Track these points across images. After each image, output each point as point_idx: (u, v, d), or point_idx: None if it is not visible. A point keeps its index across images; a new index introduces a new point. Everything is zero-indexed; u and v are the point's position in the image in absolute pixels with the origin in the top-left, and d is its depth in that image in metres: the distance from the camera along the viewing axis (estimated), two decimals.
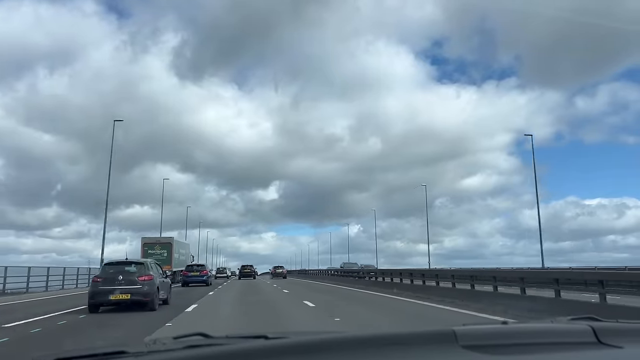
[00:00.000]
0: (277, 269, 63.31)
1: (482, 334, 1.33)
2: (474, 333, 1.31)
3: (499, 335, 1.34)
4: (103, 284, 14.68)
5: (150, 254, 38.67)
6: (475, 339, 1.27)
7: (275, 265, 65.77)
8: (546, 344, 1.30)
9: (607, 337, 1.30)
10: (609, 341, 1.29)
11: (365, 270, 39.13)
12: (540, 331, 1.39)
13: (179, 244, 45.90)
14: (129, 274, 15.00)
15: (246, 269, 58.62)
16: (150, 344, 1.39)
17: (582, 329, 1.35)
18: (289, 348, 1.23)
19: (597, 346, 1.28)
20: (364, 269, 43.80)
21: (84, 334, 10.50)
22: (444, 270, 27.47)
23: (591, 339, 1.31)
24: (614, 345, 1.27)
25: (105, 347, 1.31)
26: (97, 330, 11.11)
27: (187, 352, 1.23)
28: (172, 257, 41.01)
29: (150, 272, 15.38)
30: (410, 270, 25.47)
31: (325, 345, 1.24)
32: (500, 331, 1.37)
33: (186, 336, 1.46)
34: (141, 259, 17.09)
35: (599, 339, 1.30)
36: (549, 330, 1.40)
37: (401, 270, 27.07)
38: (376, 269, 43.29)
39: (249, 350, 1.22)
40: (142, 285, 14.76)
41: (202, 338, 1.44)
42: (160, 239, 43.17)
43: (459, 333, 1.26)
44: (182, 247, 47.03)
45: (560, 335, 1.36)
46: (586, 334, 1.32)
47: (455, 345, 1.23)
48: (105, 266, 15.94)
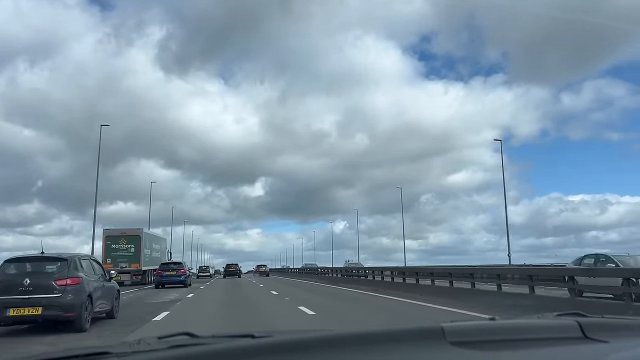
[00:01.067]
0: (260, 267, 70.49)
1: (470, 331, 1.34)
2: (462, 329, 1.32)
3: (487, 332, 1.35)
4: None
5: (114, 249, 34.23)
6: (463, 335, 1.28)
7: (258, 264, 73.42)
8: (533, 339, 1.32)
9: (593, 332, 1.32)
10: (594, 336, 1.31)
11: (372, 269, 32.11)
12: (527, 327, 1.41)
13: (151, 237, 39.19)
14: (42, 276, 10.20)
15: (231, 267, 60.48)
16: (134, 344, 1.36)
17: (569, 325, 1.37)
18: (275, 347, 1.22)
19: (583, 341, 1.30)
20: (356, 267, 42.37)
21: None
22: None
23: (577, 334, 1.33)
24: (600, 340, 1.29)
25: (87, 348, 1.28)
26: None
27: (171, 352, 1.21)
28: (142, 253, 34.71)
29: (79, 273, 10.54)
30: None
31: (313, 343, 1.23)
32: (488, 327, 1.38)
33: (171, 336, 1.43)
34: (64, 254, 11.15)
35: (585, 334, 1.32)
36: (536, 326, 1.42)
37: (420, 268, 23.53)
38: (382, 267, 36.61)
39: (235, 349, 1.20)
40: (61, 292, 9.94)
41: (187, 337, 1.42)
42: (126, 231, 35.46)
43: (447, 330, 1.27)
44: (155, 241, 40.30)
45: (547, 331, 1.37)
46: (573, 329, 1.34)
47: (444, 341, 1.24)
48: (5, 264, 10.67)
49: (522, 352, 1.27)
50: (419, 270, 21.98)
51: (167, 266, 32.27)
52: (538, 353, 1.27)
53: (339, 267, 46.30)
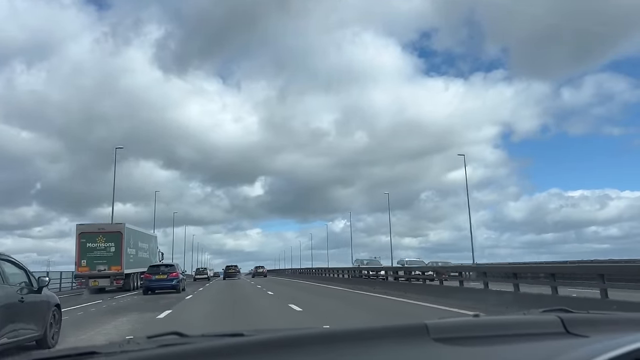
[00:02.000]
0: (258, 269, 73.42)
1: (454, 327, 1.37)
2: (446, 326, 1.35)
3: (470, 328, 1.38)
4: None
5: (91, 248, 29.26)
6: (446, 331, 1.31)
7: (256, 266, 76.31)
8: (516, 335, 1.35)
9: (574, 328, 1.36)
10: (576, 331, 1.35)
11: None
12: (510, 323, 1.44)
13: (137, 234, 33.60)
14: None
15: (230, 269, 62.61)
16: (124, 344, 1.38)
17: (551, 320, 1.41)
18: (264, 345, 1.24)
19: (564, 336, 1.35)
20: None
21: None
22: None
23: (559, 329, 1.37)
24: (581, 335, 1.32)
25: (77, 348, 1.30)
26: None
27: (161, 350, 1.22)
28: (123, 253, 29.45)
29: None
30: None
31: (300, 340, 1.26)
32: (472, 324, 1.41)
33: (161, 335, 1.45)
34: None
35: (567, 329, 1.36)
36: (519, 321, 1.45)
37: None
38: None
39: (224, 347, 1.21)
40: None
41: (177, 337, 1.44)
42: (104, 227, 30.50)
43: (431, 326, 1.30)
44: (142, 239, 34.87)
45: (530, 327, 1.41)
46: (555, 324, 1.38)
47: (427, 338, 1.27)
48: None
49: (505, 347, 1.30)
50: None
51: (157, 269, 28.27)
52: (520, 348, 1.30)
53: (345, 268, 42.03)
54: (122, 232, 30.08)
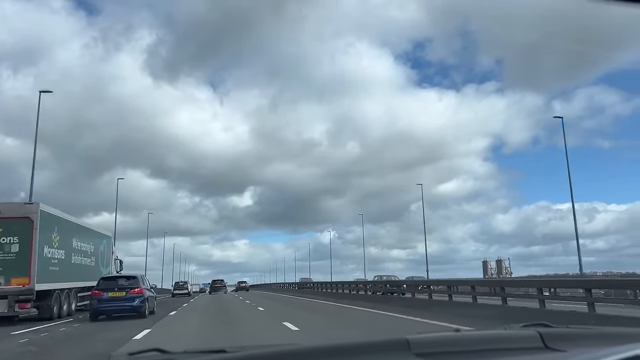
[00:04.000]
0: (240, 283, 74.94)
1: (435, 342, 1.40)
2: (427, 341, 1.38)
3: (451, 343, 1.41)
4: None
5: None
6: (428, 346, 1.34)
7: (239, 281, 78.62)
8: (496, 350, 1.38)
9: (553, 342, 1.40)
10: (554, 346, 1.39)
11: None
12: (490, 338, 1.48)
13: (67, 227, 20.96)
14: None
15: (216, 283, 63.82)
16: None
17: (530, 335, 1.44)
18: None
19: (543, 351, 1.39)
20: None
21: None
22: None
23: (538, 344, 1.40)
24: (559, 350, 1.36)
25: None
26: None
27: None
28: (34, 254, 17.74)
29: None
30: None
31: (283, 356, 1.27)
32: (452, 339, 1.45)
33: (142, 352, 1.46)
34: None
35: (546, 344, 1.39)
36: (499, 336, 1.49)
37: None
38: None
39: None
40: None
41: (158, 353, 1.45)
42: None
43: (412, 341, 1.33)
44: (79, 235, 22.49)
45: (509, 342, 1.44)
46: (534, 339, 1.42)
47: (409, 353, 1.29)
48: None
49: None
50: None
51: (111, 283, 19.08)
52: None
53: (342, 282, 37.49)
54: (34, 220, 17.95)
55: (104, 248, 26.82)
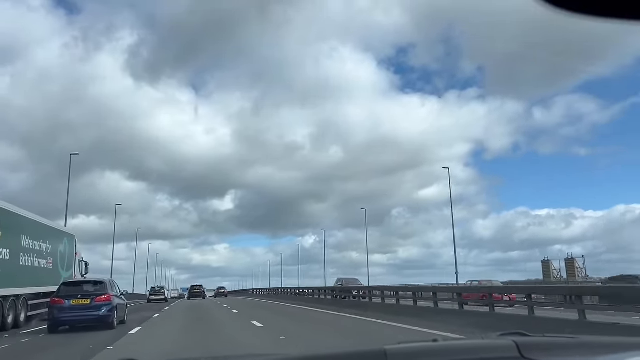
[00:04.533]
0: (219, 290, 74.87)
1: (412, 353, 1.40)
2: (404, 352, 1.38)
3: (428, 353, 1.41)
4: None
5: None
6: (405, 357, 1.34)
7: (218, 287, 78.97)
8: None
9: (529, 352, 1.40)
10: (530, 355, 1.40)
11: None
12: (467, 348, 1.48)
13: (16, 221, 17.53)
14: None
15: (195, 289, 62.08)
16: None
17: (507, 345, 1.44)
18: None
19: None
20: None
21: None
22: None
23: (515, 354, 1.40)
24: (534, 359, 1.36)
25: None
26: None
27: None
28: None
29: None
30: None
31: None
32: (430, 349, 1.44)
33: None
34: None
35: (522, 353, 1.39)
36: (476, 347, 1.49)
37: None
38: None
39: None
40: None
41: None
42: None
43: (390, 352, 1.32)
44: (31, 231, 18.92)
45: (486, 352, 1.45)
46: (510, 349, 1.42)
47: None
48: None
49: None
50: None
51: (74, 289, 16.74)
52: None
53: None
54: None
55: (65, 248, 22.91)
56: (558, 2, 1.22)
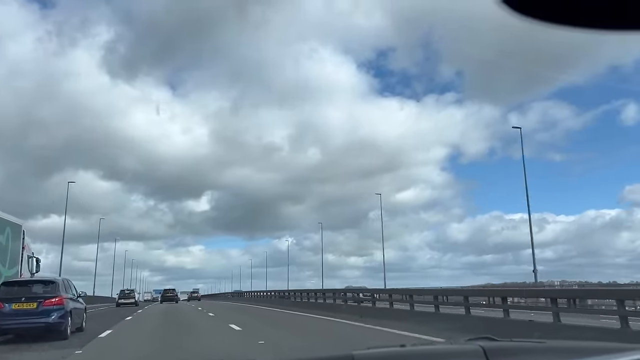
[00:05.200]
0: (192, 293, 77.04)
1: (380, 358, 1.38)
2: (372, 357, 1.36)
3: (396, 358, 1.39)
4: None
5: None
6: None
7: (191, 291, 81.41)
8: None
9: (495, 357, 1.40)
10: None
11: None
12: (435, 353, 1.48)
13: None
14: None
15: (168, 292, 61.18)
16: None
17: (474, 350, 1.45)
18: None
19: None
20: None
21: None
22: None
23: (481, 358, 1.39)
24: None
25: None
26: None
27: None
28: None
29: None
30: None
31: None
32: (397, 354, 1.44)
33: None
34: None
35: (488, 358, 1.39)
36: (444, 351, 1.49)
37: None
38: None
39: None
40: None
41: None
42: None
43: (357, 357, 1.31)
44: None
45: (453, 356, 1.45)
46: (477, 354, 1.41)
47: None
48: None
49: None
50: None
51: (18, 290, 14.26)
52: None
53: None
54: None
55: (7, 240, 18.75)
56: (532, 12, 1.24)
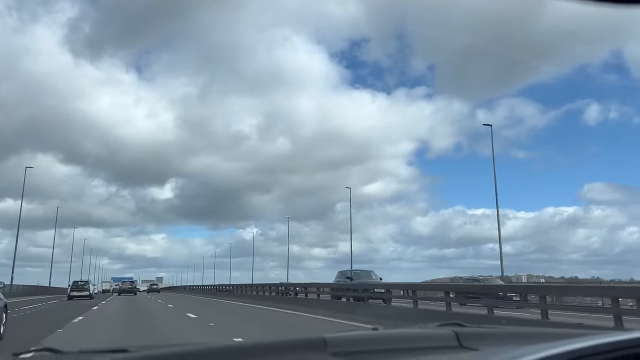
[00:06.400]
0: (152, 285, 76.86)
1: (352, 341, 1.39)
2: (344, 340, 1.37)
3: (369, 342, 1.41)
4: None
5: None
6: (345, 345, 1.33)
7: (151, 283, 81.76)
8: (413, 349, 1.38)
9: (467, 341, 1.43)
10: (469, 344, 1.42)
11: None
12: (408, 337, 1.49)
13: None
14: None
15: (127, 284, 60.04)
16: None
17: (446, 334, 1.46)
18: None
19: (458, 349, 1.42)
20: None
21: None
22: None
23: (454, 343, 1.41)
24: (472, 348, 1.38)
25: None
26: None
27: None
28: None
29: None
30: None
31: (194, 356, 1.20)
32: (370, 337, 1.44)
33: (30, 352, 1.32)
34: None
35: (461, 342, 1.41)
36: (417, 335, 1.50)
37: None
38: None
39: None
40: None
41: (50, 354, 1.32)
42: None
43: (329, 340, 1.30)
44: None
45: (426, 341, 1.46)
46: (450, 338, 1.43)
47: (325, 352, 1.27)
48: None
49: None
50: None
51: None
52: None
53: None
54: None
55: None
56: None
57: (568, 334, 1.62)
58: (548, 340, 1.56)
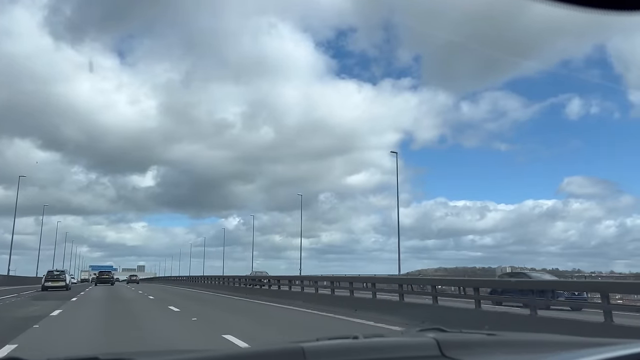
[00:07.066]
0: (131, 277, 76.95)
1: (331, 350, 1.36)
2: (323, 349, 1.34)
3: (348, 351, 1.37)
4: None
5: None
6: (323, 355, 1.29)
7: (130, 275, 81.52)
8: (393, 358, 1.35)
9: (449, 350, 1.39)
10: (451, 354, 1.39)
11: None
12: (387, 346, 1.45)
13: None
14: None
15: (104, 275, 59.21)
16: None
17: (428, 343, 1.42)
18: None
19: (440, 359, 1.35)
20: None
21: None
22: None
23: (435, 352, 1.38)
24: (455, 358, 1.35)
25: None
26: None
27: None
28: None
29: None
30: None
31: None
32: (349, 346, 1.41)
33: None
34: None
35: (442, 351, 1.37)
36: (397, 344, 1.46)
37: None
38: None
39: None
40: None
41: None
42: None
43: (308, 350, 1.27)
44: None
45: (407, 350, 1.42)
46: (431, 347, 1.39)
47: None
48: None
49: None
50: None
51: None
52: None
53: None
54: None
55: None
56: None
57: (564, 343, 1.58)
58: (539, 351, 1.53)
